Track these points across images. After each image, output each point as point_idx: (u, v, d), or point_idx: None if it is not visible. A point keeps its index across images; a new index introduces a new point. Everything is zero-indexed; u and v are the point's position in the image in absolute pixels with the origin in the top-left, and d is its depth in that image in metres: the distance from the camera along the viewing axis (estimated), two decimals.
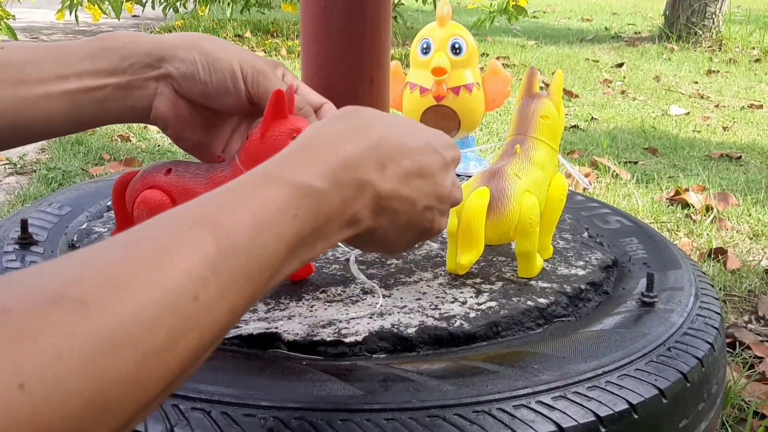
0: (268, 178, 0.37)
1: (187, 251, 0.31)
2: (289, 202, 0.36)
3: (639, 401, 0.47)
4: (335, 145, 0.40)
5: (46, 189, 1.68)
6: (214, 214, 0.34)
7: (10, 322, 0.25)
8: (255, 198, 0.36)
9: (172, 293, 0.29)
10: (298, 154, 0.39)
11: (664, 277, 0.66)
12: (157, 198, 0.53)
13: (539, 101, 0.65)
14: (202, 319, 0.31)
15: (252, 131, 0.51)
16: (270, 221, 0.35)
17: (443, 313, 0.55)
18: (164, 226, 0.33)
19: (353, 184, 0.40)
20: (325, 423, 0.42)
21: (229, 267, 0.32)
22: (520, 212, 0.59)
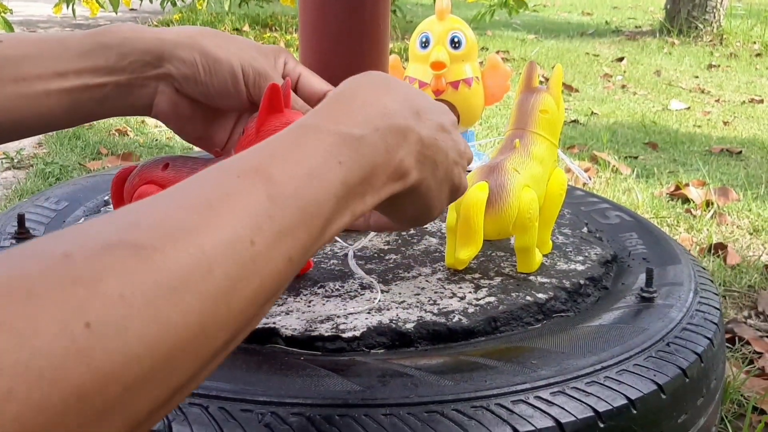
0: (308, 130, 0.37)
1: (238, 198, 0.31)
2: (331, 150, 0.36)
3: (638, 397, 0.47)
4: (369, 96, 0.41)
5: (43, 183, 1.68)
6: (259, 164, 0.34)
7: (72, 265, 0.25)
8: (297, 147, 0.36)
9: (229, 237, 0.29)
10: (333, 107, 0.39)
11: (664, 272, 0.65)
12: (154, 193, 0.53)
13: (539, 96, 0.64)
14: (261, 264, 0.30)
15: (248, 126, 0.51)
16: (315, 168, 0.35)
17: (442, 308, 0.55)
18: (213, 178, 0.33)
19: (394, 131, 0.40)
20: (323, 418, 0.42)
21: (281, 214, 0.32)
22: (519, 207, 0.59)
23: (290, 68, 0.56)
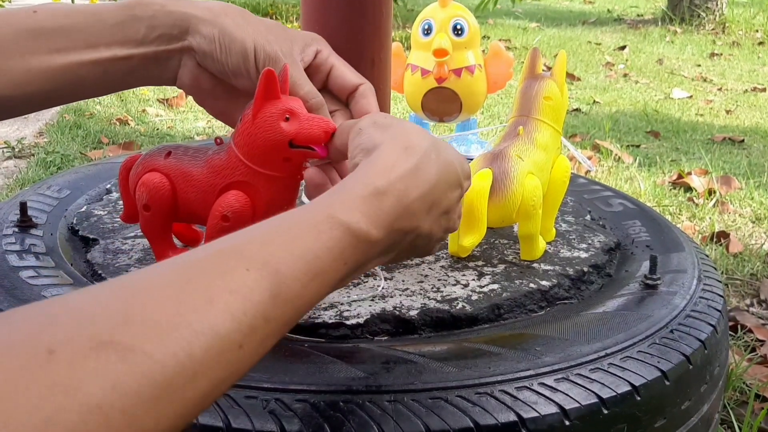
0: (332, 224, 0.37)
1: (241, 297, 0.31)
2: (343, 252, 0.37)
3: (641, 383, 0.47)
4: (401, 191, 0.41)
5: (44, 173, 1.68)
6: (272, 258, 0.34)
7: (54, 367, 0.24)
8: (315, 245, 0.36)
9: (220, 341, 0.29)
10: (363, 198, 0.40)
11: (667, 259, 0.65)
12: (157, 180, 0.53)
13: (542, 82, 0.64)
14: (243, 366, 0.30)
15: (245, 112, 0.51)
16: (322, 269, 0.36)
17: (445, 295, 0.55)
18: (219, 264, 0.32)
19: (405, 231, 0.41)
20: (328, 405, 0.42)
21: (278, 315, 0.32)
22: (522, 194, 0.59)
23: (322, 58, 0.55)
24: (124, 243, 0.63)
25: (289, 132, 0.49)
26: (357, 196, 0.39)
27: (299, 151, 0.50)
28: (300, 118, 0.50)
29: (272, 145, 0.49)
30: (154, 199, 0.53)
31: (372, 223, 0.39)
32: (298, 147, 0.49)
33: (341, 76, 0.55)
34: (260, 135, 0.49)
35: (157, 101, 2.47)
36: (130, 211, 0.58)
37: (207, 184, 0.52)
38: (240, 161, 0.51)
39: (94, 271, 0.59)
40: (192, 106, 2.43)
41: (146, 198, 0.53)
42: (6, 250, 0.60)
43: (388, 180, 0.41)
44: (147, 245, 0.63)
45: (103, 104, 2.40)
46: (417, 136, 0.45)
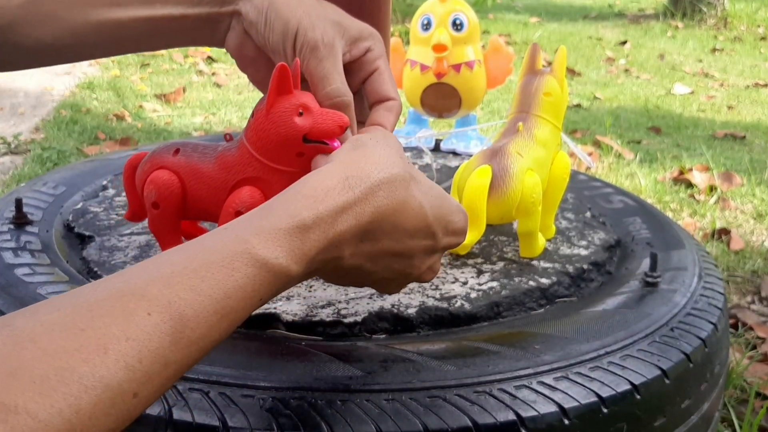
0: (248, 261, 0.35)
1: (138, 344, 0.29)
2: (259, 289, 0.35)
3: (641, 381, 0.47)
4: (328, 225, 0.38)
5: (40, 169, 1.67)
6: (177, 300, 0.31)
7: None
8: (226, 284, 0.33)
9: (111, 393, 0.27)
10: (287, 232, 0.37)
11: (668, 257, 0.65)
12: (166, 178, 0.53)
13: (542, 78, 0.64)
14: (137, 412, 0.29)
15: (258, 107, 0.50)
16: (233, 309, 0.33)
17: (444, 293, 0.55)
18: (119, 306, 0.30)
19: (325, 262, 0.39)
20: (325, 403, 0.41)
21: (180, 358, 0.31)
22: (522, 191, 0.58)
23: (369, 58, 0.53)
24: (120, 240, 0.63)
25: (303, 127, 0.49)
26: (279, 230, 0.37)
27: (313, 145, 0.49)
28: (314, 113, 0.49)
29: (286, 140, 0.49)
30: (163, 197, 0.53)
31: (293, 258, 0.36)
32: (311, 142, 0.49)
33: (380, 82, 0.53)
34: (273, 130, 0.49)
35: (154, 97, 2.46)
36: (135, 210, 0.58)
37: (218, 180, 0.52)
38: (252, 157, 0.50)
39: (89, 268, 0.58)
40: (189, 102, 2.43)
41: (155, 195, 0.53)
42: (1, 247, 0.60)
43: (316, 212, 0.38)
44: (143, 242, 0.62)
45: (100, 100, 2.40)
46: (372, 166, 0.41)
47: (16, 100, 2.40)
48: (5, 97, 2.43)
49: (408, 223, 0.41)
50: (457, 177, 0.61)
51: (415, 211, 0.42)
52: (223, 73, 2.84)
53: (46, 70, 2.85)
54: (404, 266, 0.43)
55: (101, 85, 2.60)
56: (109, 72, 2.83)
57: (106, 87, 2.58)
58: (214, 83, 2.72)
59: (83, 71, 2.83)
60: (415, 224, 0.42)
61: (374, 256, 0.41)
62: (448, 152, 0.93)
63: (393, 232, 0.41)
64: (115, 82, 2.64)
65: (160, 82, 2.69)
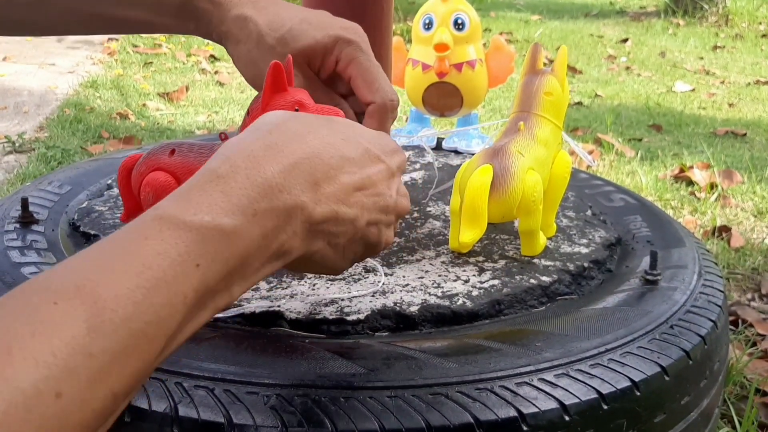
0: (161, 225, 0.31)
1: (48, 336, 0.26)
2: (188, 251, 0.31)
3: (641, 378, 0.47)
4: (249, 169, 0.34)
5: (45, 167, 1.68)
6: (85, 281, 0.28)
7: None
8: (141, 253, 0.30)
9: (24, 396, 0.24)
10: (201, 188, 0.33)
11: (668, 255, 0.65)
12: (162, 179, 0.53)
13: (543, 78, 0.64)
14: (72, 416, 0.26)
15: (253, 106, 0.51)
16: (160, 280, 0.29)
17: (446, 291, 0.55)
18: (22, 304, 0.27)
19: (277, 213, 0.34)
20: (328, 400, 0.42)
21: (105, 346, 0.27)
22: (523, 190, 0.59)
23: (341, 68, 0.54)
24: None
25: None
26: (191, 187, 0.34)
27: None
28: (309, 110, 0.50)
29: None
30: (161, 199, 0.53)
31: (217, 211, 0.32)
32: None
33: (356, 89, 0.53)
34: None
35: (158, 95, 2.47)
36: (132, 211, 0.58)
37: None
38: None
39: None
40: (192, 100, 2.43)
41: (153, 198, 0.53)
42: (8, 246, 0.60)
43: (229, 161, 0.35)
44: None
45: (104, 99, 2.40)
46: (277, 116, 0.39)
47: (20, 99, 2.41)
48: (9, 96, 2.44)
49: (348, 152, 0.39)
50: (459, 176, 0.62)
51: (348, 140, 0.40)
52: (225, 72, 2.84)
53: (49, 70, 2.85)
54: (376, 197, 0.40)
55: (105, 84, 2.61)
56: (113, 71, 2.83)
57: (109, 86, 2.58)
58: (216, 82, 2.72)
59: (86, 70, 2.84)
60: (355, 152, 0.40)
61: (341, 196, 0.38)
62: (450, 151, 0.93)
63: (341, 166, 0.38)
64: (119, 81, 2.65)
65: (163, 80, 2.70)
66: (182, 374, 0.43)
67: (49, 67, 2.90)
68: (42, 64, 2.94)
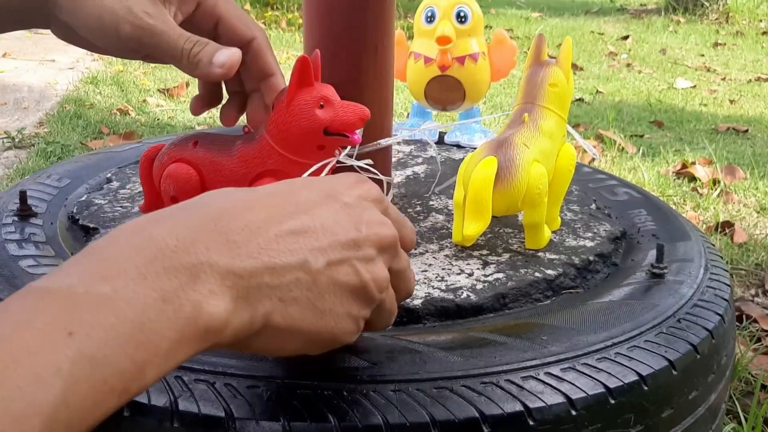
0: (27, 296, 0.27)
1: None
2: (55, 320, 0.26)
3: (648, 373, 0.46)
4: (132, 236, 0.31)
5: (44, 163, 1.67)
6: None
7: None
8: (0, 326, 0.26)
9: None
10: (77, 259, 0.30)
11: (674, 248, 0.65)
12: (184, 172, 0.52)
13: (548, 69, 0.63)
14: None
15: (278, 99, 0.50)
16: (22, 351, 0.25)
17: (450, 284, 0.55)
18: None
19: (175, 273, 0.30)
20: (331, 394, 0.41)
21: None
22: (528, 182, 0.58)
23: (206, 10, 0.49)
24: None
25: (324, 119, 0.48)
26: (68, 261, 0.30)
27: (333, 138, 0.49)
28: (335, 105, 0.49)
29: (307, 132, 0.49)
30: (182, 191, 0.52)
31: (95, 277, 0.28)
32: (332, 134, 0.49)
33: (230, 30, 0.50)
34: (295, 122, 0.49)
35: (158, 91, 2.46)
36: (152, 202, 0.57)
37: (238, 174, 0.51)
38: (273, 149, 0.50)
39: None
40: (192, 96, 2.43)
41: (174, 190, 0.52)
42: (6, 239, 0.59)
43: (111, 234, 0.31)
44: None
45: (103, 94, 2.39)
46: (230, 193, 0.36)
47: (20, 95, 2.40)
48: (9, 92, 2.44)
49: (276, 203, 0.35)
50: (462, 169, 0.61)
51: (277, 194, 0.36)
52: None
53: (49, 66, 2.85)
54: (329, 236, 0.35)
55: (105, 79, 2.60)
56: (113, 67, 2.83)
57: (109, 82, 2.57)
58: None
59: (86, 66, 2.83)
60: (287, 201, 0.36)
61: (271, 246, 0.33)
62: (452, 145, 0.93)
63: (266, 217, 0.34)
64: (119, 77, 2.64)
65: (164, 76, 2.69)
66: (182, 368, 0.43)
67: (49, 63, 2.89)
68: (42, 60, 2.93)
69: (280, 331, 0.34)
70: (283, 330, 0.34)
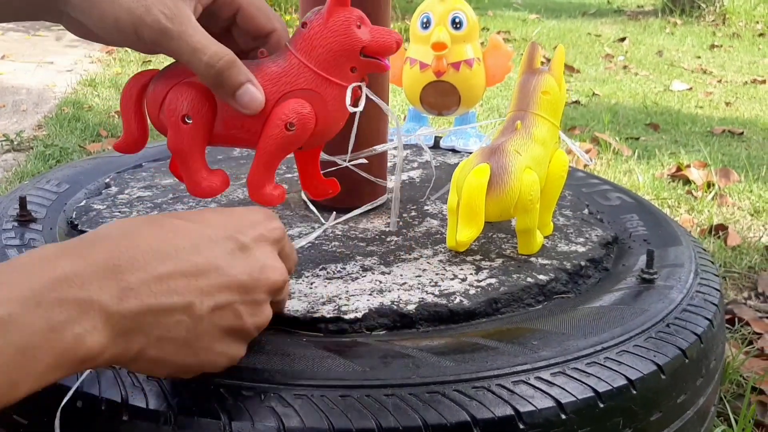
0: None
1: None
2: None
3: (637, 377, 0.47)
4: (36, 265, 0.33)
5: (43, 166, 1.68)
6: None
7: None
8: None
9: None
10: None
11: (664, 253, 0.65)
12: (198, 88, 0.47)
13: (540, 77, 0.64)
14: None
15: (309, 19, 0.48)
16: None
17: (443, 289, 0.55)
18: None
19: (67, 305, 0.32)
20: (325, 399, 0.42)
21: None
22: (520, 189, 0.59)
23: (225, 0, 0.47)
24: None
25: (363, 39, 0.47)
26: None
27: (367, 61, 0.48)
28: (370, 27, 0.48)
29: (344, 50, 0.47)
30: (196, 108, 0.47)
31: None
32: (367, 57, 0.48)
33: (250, 20, 0.48)
34: (332, 39, 0.47)
35: None
36: (136, 137, 0.51)
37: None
38: (304, 67, 0.47)
39: None
40: None
41: (187, 107, 0.47)
42: (6, 245, 0.60)
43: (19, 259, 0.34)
44: None
45: (102, 97, 2.40)
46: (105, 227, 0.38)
47: (19, 98, 2.40)
48: (8, 95, 2.44)
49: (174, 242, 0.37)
50: (456, 175, 0.62)
51: (178, 232, 0.38)
52: None
53: (48, 68, 2.85)
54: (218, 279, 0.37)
55: (103, 82, 2.60)
56: (111, 69, 2.83)
57: (107, 84, 2.58)
58: None
59: (85, 68, 2.84)
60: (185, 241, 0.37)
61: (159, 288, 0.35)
62: (448, 149, 0.94)
63: (159, 258, 0.36)
64: (117, 80, 2.64)
65: None
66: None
67: (47, 66, 2.90)
68: (40, 63, 2.93)
69: (152, 361, 0.37)
70: (155, 360, 0.37)
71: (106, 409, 0.42)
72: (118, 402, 0.42)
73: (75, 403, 0.43)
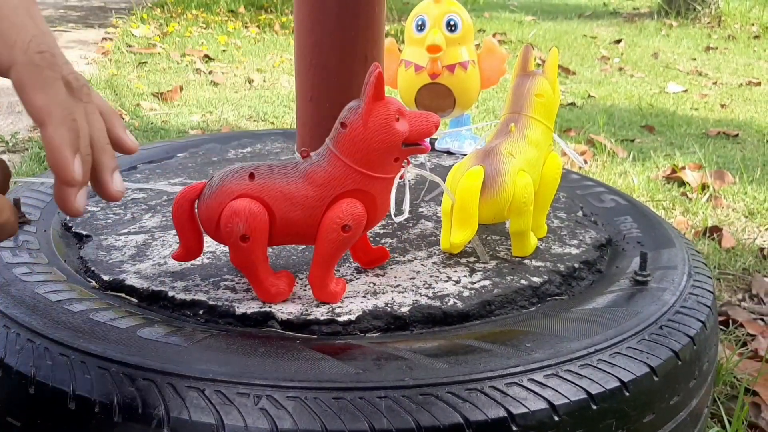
0: None
1: None
2: None
3: (630, 379, 0.47)
4: None
5: (38, 167, 1.67)
6: None
7: None
8: None
9: None
10: None
11: (658, 255, 0.66)
12: (253, 207, 0.49)
13: (534, 79, 0.64)
14: None
15: (347, 119, 0.49)
16: None
17: (437, 292, 0.56)
18: None
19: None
20: (319, 401, 0.42)
21: None
22: (514, 191, 0.59)
23: None
24: (117, 239, 0.64)
25: (403, 132, 0.48)
26: None
27: (409, 149, 0.49)
28: (407, 117, 0.49)
29: (388, 147, 0.49)
30: (252, 227, 0.49)
31: None
32: (408, 145, 0.49)
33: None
34: (375, 138, 0.48)
35: (152, 95, 2.46)
36: (190, 247, 0.54)
37: (313, 198, 0.49)
38: (350, 169, 0.49)
39: (87, 267, 0.59)
40: (186, 100, 2.43)
41: (244, 228, 0.49)
42: (0, 246, 0.60)
43: None
44: (140, 242, 0.63)
45: None
46: None
47: (14, 99, 2.40)
48: (3, 95, 2.43)
49: None
50: (450, 178, 0.62)
51: None
52: (220, 72, 2.84)
53: None
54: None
55: (98, 83, 2.60)
56: (107, 70, 2.83)
57: (103, 85, 2.57)
58: (211, 82, 2.72)
59: (81, 70, 2.83)
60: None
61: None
62: (443, 151, 0.94)
63: None
64: (113, 81, 2.64)
65: (157, 80, 2.69)
66: (173, 375, 0.43)
67: None
68: None
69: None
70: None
71: (99, 411, 0.42)
72: (109, 404, 0.42)
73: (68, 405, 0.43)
